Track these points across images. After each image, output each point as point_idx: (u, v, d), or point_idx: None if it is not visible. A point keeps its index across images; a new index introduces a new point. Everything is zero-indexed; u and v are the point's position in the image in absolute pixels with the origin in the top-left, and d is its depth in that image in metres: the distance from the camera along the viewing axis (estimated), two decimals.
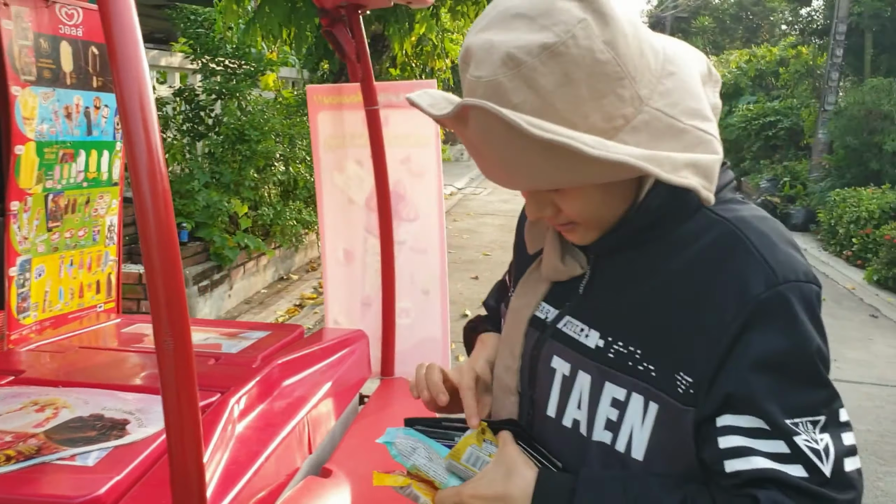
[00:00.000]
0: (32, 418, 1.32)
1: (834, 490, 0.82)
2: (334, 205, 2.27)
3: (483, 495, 0.91)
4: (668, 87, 0.85)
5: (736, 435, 0.83)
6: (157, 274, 0.87)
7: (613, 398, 0.91)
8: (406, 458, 0.99)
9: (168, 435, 0.90)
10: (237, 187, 6.51)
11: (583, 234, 0.95)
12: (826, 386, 0.86)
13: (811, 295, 0.86)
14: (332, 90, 2.23)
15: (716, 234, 0.89)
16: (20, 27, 1.79)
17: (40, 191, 1.89)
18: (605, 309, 0.94)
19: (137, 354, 1.70)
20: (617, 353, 0.91)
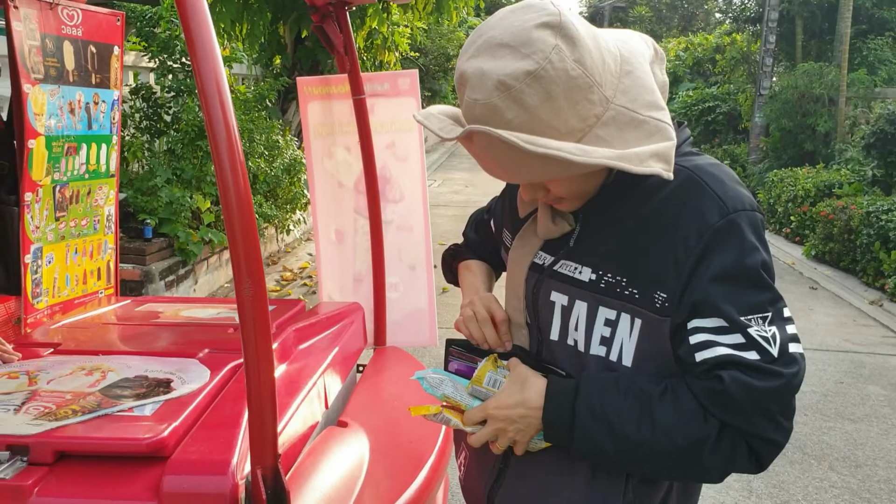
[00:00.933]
0: (84, 380, 1.46)
1: (781, 366, 1.05)
2: (325, 188, 2.43)
3: (505, 404, 1.14)
4: (627, 84, 1.07)
5: (702, 333, 1.07)
6: (237, 232, 1.04)
7: (606, 318, 1.14)
8: (436, 389, 1.19)
9: (246, 362, 1.07)
10: (199, 183, 6.56)
11: (569, 205, 1.17)
12: (770, 289, 1.09)
13: (756, 220, 1.09)
14: (320, 81, 2.38)
15: (679, 180, 1.11)
16: (28, 28, 1.90)
17: (49, 182, 2.01)
18: (594, 250, 1.17)
19: (159, 327, 1.84)
20: (607, 283, 1.13)
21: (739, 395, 1.04)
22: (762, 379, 1.04)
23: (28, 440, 1.27)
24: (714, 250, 1.06)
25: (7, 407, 1.37)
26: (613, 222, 1.15)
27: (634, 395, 1.10)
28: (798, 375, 1.07)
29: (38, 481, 1.23)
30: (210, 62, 1.07)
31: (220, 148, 1.06)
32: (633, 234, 1.13)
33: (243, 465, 1.26)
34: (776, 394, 1.05)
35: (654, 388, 1.10)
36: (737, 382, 1.04)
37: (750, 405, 1.05)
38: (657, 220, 1.11)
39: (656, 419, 1.08)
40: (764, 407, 1.06)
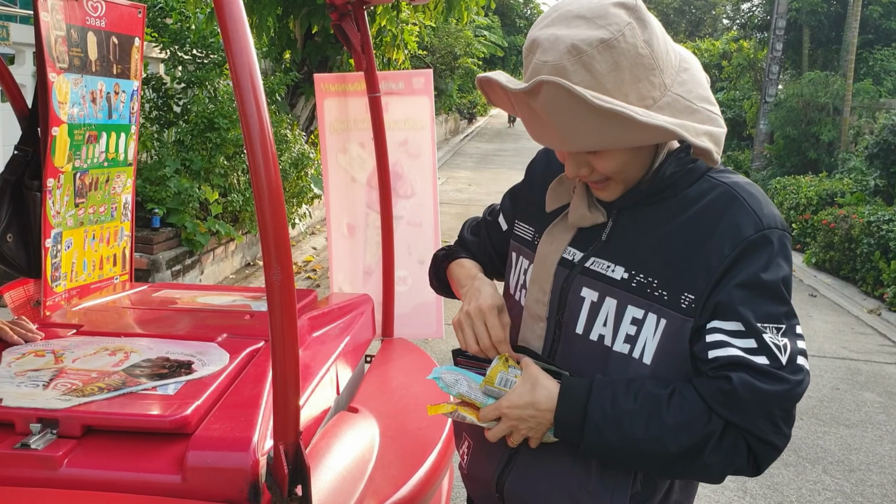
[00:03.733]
0: (108, 360, 1.52)
1: (788, 372, 1.12)
2: (339, 183, 2.49)
3: (516, 404, 1.21)
4: (685, 78, 1.16)
5: (719, 333, 1.14)
6: (268, 223, 1.10)
7: (633, 317, 1.20)
8: (451, 388, 1.26)
9: (273, 343, 1.12)
10: (207, 174, 6.62)
11: (612, 190, 1.23)
12: (787, 304, 1.17)
13: (785, 239, 1.18)
14: (337, 79, 2.45)
15: (717, 194, 1.20)
16: (55, 18, 1.95)
17: (70, 169, 2.06)
18: (628, 251, 1.23)
19: (178, 312, 1.90)
20: (638, 283, 1.20)
21: (746, 396, 1.11)
22: (769, 382, 1.11)
23: (58, 414, 1.33)
24: (744, 260, 1.14)
25: (36, 383, 1.43)
26: (649, 225, 1.22)
27: (644, 397, 1.16)
28: (802, 384, 1.14)
29: (68, 453, 1.28)
30: (244, 54, 1.12)
31: (252, 138, 1.11)
32: (669, 238, 1.19)
33: (263, 442, 1.31)
34: (780, 398, 1.11)
35: (662, 390, 1.17)
36: (744, 383, 1.11)
37: (755, 406, 1.11)
38: (694, 227, 1.18)
39: (664, 420, 1.14)
40: (767, 409, 1.12)
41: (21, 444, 1.28)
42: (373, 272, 2.50)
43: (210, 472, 1.26)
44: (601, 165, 1.18)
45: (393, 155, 2.36)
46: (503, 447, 1.31)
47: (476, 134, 26.75)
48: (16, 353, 1.57)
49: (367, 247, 2.50)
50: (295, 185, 7.93)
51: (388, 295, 2.43)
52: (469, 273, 1.45)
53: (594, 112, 1.04)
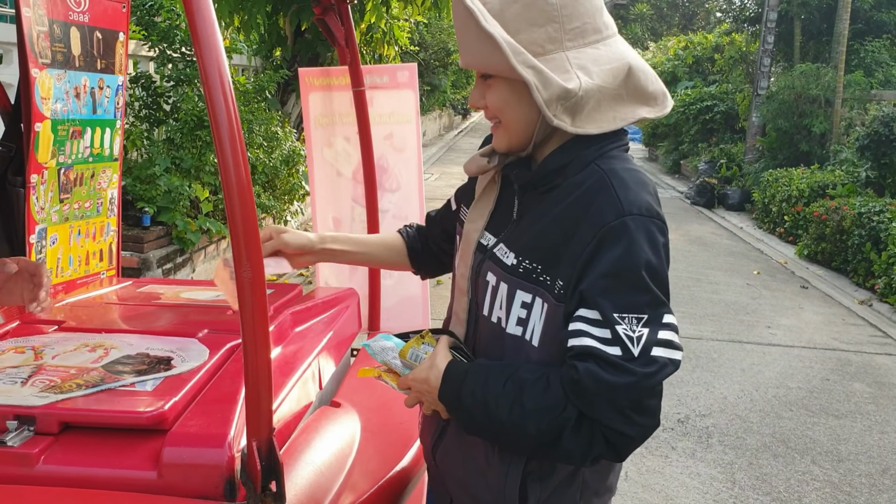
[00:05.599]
0: (87, 356, 1.52)
1: (637, 365, 1.14)
2: (324, 177, 2.49)
3: (416, 379, 1.31)
4: (588, 52, 1.23)
5: (580, 322, 1.17)
6: (236, 218, 1.09)
7: (523, 301, 1.27)
8: (377, 356, 1.39)
9: (244, 341, 1.12)
10: (198, 172, 6.61)
11: (499, 136, 1.31)
12: (651, 292, 1.17)
13: (650, 225, 1.19)
14: (321, 73, 2.44)
15: (593, 180, 1.24)
16: (37, 13, 1.95)
17: (54, 165, 2.06)
18: (521, 238, 1.30)
19: (160, 308, 1.90)
20: (525, 269, 1.26)
21: (590, 386, 1.14)
22: (615, 374, 1.13)
23: (35, 411, 1.32)
24: (605, 247, 1.17)
25: (14, 380, 1.43)
26: (539, 212, 1.28)
27: (513, 382, 1.21)
28: (653, 377, 1.14)
29: (45, 450, 1.28)
30: (213, 51, 1.12)
31: (222, 135, 1.11)
32: (550, 226, 1.25)
33: (239, 438, 1.31)
34: (626, 389, 1.13)
35: (531, 375, 1.22)
36: (589, 374, 1.13)
37: (600, 397, 1.14)
38: (569, 214, 1.23)
39: (525, 404, 1.19)
40: (614, 400, 1.14)
41: None
42: (358, 266, 2.49)
43: (186, 469, 1.26)
44: (489, 99, 1.27)
45: (378, 149, 2.36)
46: (438, 420, 1.41)
47: (470, 129, 26.73)
48: None
49: None
50: (286, 182, 7.92)
51: (375, 288, 2.43)
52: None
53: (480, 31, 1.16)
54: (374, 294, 2.43)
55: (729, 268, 8.37)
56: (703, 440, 4.11)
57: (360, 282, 2.43)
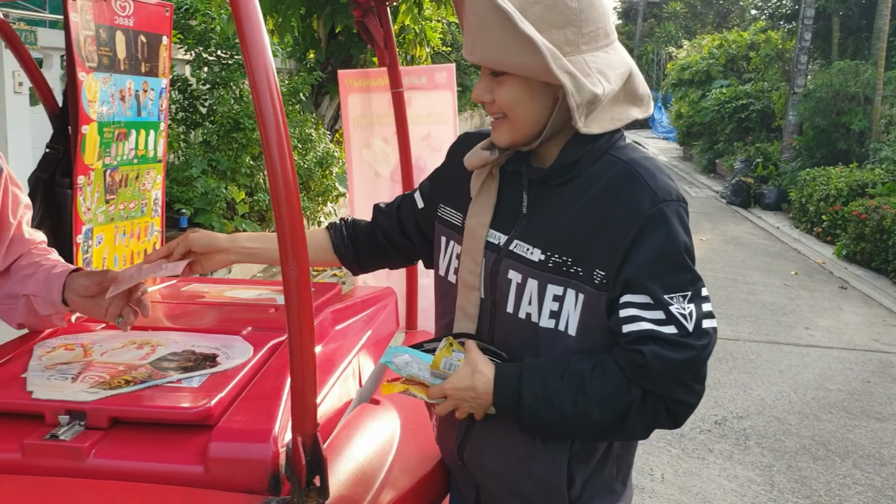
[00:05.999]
0: (135, 353, 1.55)
1: (694, 339, 1.23)
2: (363, 177, 2.52)
3: (458, 387, 1.31)
4: (601, 56, 1.26)
5: (631, 308, 1.24)
6: (283, 218, 1.11)
7: (554, 294, 1.30)
8: (402, 370, 1.38)
9: (290, 338, 1.14)
10: (233, 174, 6.71)
11: (503, 131, 1.32)
12: (690, 271, 1.26)
13: (679, 209, 1.27)
14: (360, 75, 2.47)
15: (616, 171, 1.29)
16: (84, 19, 1.99)
17: (100, 167, 2.10)
18: (543, 233, 1.32)
19: (205, 306, 1.94)
20: (555, 263, 1.30)
21: (657, 367, 1.22)
22: (677, 351, 1.22)
23: (85, 406, 1.36)
24: (645, 235, 1.24)
25: (65, 376, 1.47)
26: (559, 206, 1.31)
27: (570, 375, 1.26)
28: (708, 347, 1.25)
29: (95, 444, 1.31)
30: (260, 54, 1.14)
31: (269, 137, 1.12)
32: (577, 218, 1.29)
33: (284, 434, 1.33)
34: (689, 363, 1.23)
35: (585, 365, 1.27)
36: (655, 355, 1.21)
37: (667, 375, 1.23)
38: (597, 205, 1.28)
39: (589, 394, 1.25)
40: (679, 376, 1.23)
41: (50, 434, 1.31)
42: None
43: (232, 463, 1.28)
44: (498, 93, 1.28)
45: (416, 149, 2.39)
46: (460, 420, 1.42)
47: None
48: (47, 346, 1.61)
49: None
50: (320, 183, 7.99)
51: (412, 288, 2.47)
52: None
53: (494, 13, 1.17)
54: (411, 293, 2.45)
55: (766, 268, 8.26)
56: (740, 442, 4.06)
57: (397, 281, 2.45)
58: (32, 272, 1.65)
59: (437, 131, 2.44)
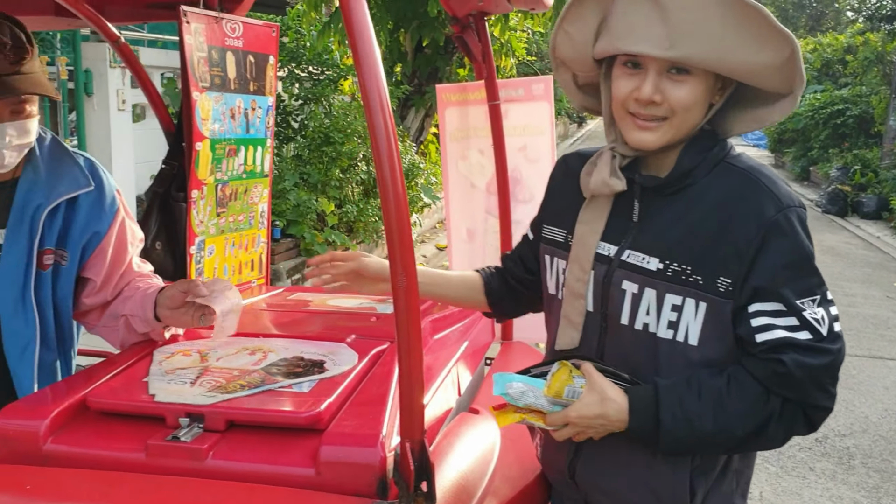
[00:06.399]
0: (248, 359, 1.63)
1: (829, 343, 1.23)
2: (459, 189, 2.57)
3: (586, 415, 1.29)
4: None
5: (763, 317, 1.23)
6: (393, 230, 1.15)
7: (673, 304, 1.29)
8: (519, 401, 1.36)
9: (399, 345, 1.18)
10: (324, 187, 6.90)
11: (662, 133, 1.28)
12: (817, 275, 1.26)
13: (803, 215, 1.27)
14: (458, 89, 2.53)
15: (735, 178, 1.29)
16: (197, 41, 2.10)
17: (212, 181, 2.21)
18: (659, 241, 1.30)
19: (310, 314, 2.01)
20: (673, 272, 1.28)
21: (799, 375, 1.21)
22: (816, 357, 1.21)
23: (203, 409, 1.42)
24: (771, 241, 1.23)
25: (184, 380, 1.55)
26: (675, 215, 1.30)
27: (707, 392, 1.25)
28: (842, 351, 1.26)
29: (213, 445, 1.38)
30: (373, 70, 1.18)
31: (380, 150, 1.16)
32: (696, 225, 1.28)
33: (390, 439, 1.37)
34: (828, 368, 1.23)
35: (719, 381, 1.25)
36: (796, 363, 1.21)
37: (808, 382, 1.22)
38: (718, 213, 1.26)
39: (729, 410, 1.24)
40: (819, 381, 1.23)
41: (172, 436, 1.38)
42: None
43: (341, 467, 1.32)
44: (675, 94, 1.24)
45: (512, 160, 2.43)
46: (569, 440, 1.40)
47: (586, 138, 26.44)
48: (166, 352, 1.70)
49: (487, 251, 2.56)
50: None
51: None
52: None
53: (728, 7, 1.15)
54: None
55: (866, 279, 7.90)
56: (843, 461, 3.89)
57: None
58: (131, 294, 1.78)
59: (533, 142, 2.47)
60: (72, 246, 1.77)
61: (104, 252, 1.80)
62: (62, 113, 6.40)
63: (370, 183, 7.65)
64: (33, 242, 1.74)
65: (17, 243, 1.73)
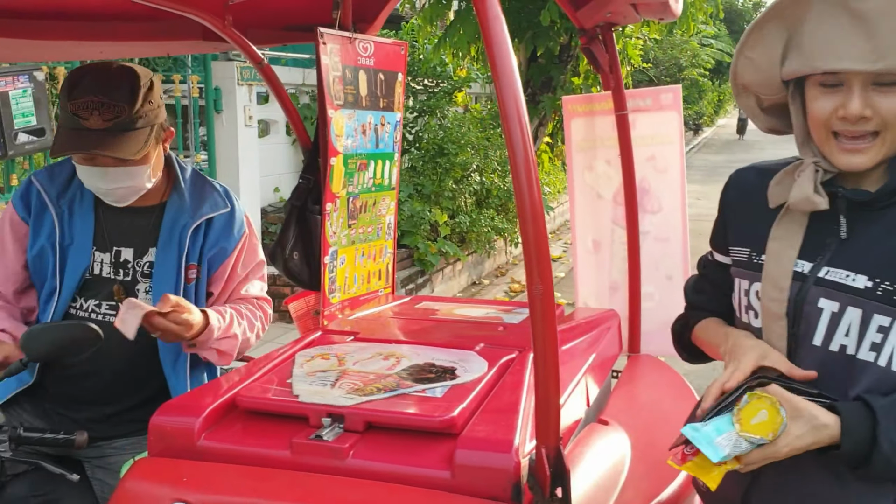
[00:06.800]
0: (382, 364, 1.69)
1: None
2: (584, 200, 2.59)
3: (798, 447, 1.18)
4: None
5: None
6: (530, 239, 1.18)
7: (879, 325, 1.20)
8: (732, 452, 1.19)
9: (535, 351, 1.20)
10: (437, 197, 7.03)
11: (874, 152, 1.21)
12: None
13: None
14: (585, 99, 2.55)
15: None
16: (333, 60, 2.21)
17: (344, 194, 2.31)
18: (868, 258, 1.22)
19: (439, 323, 2.07)
20: (884, 291, 1.19)
21: None
22: None
23: (344, 410, 1.49)
24: None
25: (324, 382, 1.63)
26: (884, 231, 1.22)
27: None
28: None
29: (353, 445, 1.44)
30: (511, 86, 1.22)
31: (517, 162, 1.19)
32: None
33: (524, 446, 1.39)
34: None
35: None
36: None
37: None
38: None
39: None
40: None
41: (315, 435, 1.45)
42: (618, 287, 2.55)
43: (476, 471, 1.35)
44: (887, 105, 1.17)
45: (640, 170, 2.42)
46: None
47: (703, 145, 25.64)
48: (306, 355, 1.80)
49: (613, 262, 2.56)
50: None
51: (635, 311, 2.48)
52: (717, 331, 1.44)
53: None
54: (633, 316, 2.46)
55: None
56: None
57: (619, 303, 2.47)
58: None
59: (661, 152, 2.44)
60: (203, 261, 2.01)
61: (226, 269, 2.04)
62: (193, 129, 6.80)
63: (483, 194, 7.72)
64: (181, 258, 1.98)
65: (167, 260, 1.97)
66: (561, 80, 8.68)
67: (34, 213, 1.98)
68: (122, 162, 1.83)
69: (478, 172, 7.52)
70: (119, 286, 1.98)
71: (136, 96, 1.84)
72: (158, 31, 2.37)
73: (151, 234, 1.99)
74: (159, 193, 2.03)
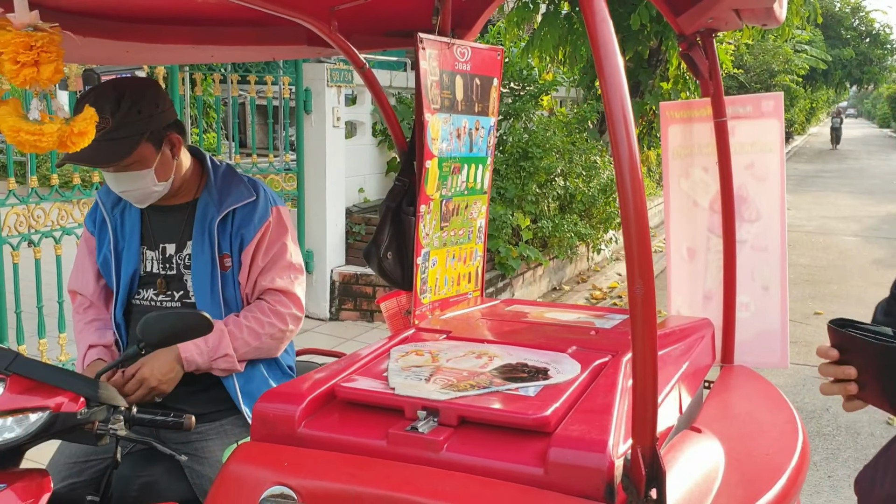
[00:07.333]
0: (476, 362, 1.73)
1: None
2: (680, 207, 2.56)
3: None
4: None
5: None
6: (633, 241, 1.20)
7: None
8: None
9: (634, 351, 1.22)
10: (520, 201, 7.02)
11: None
12: None
13: None
14: (682, 106, 2.53)
15: None
16: (431, 65, 2.26)
17: (438, 197, 2.36)
18: None
19: (530, 325, 2.10)
20: None
21: None
22: None
23: (438, 405, 1.54)
24: None
25: (419, 377, 1.68)
26: None
27: None
28: None
29: (447, 439, 1.48)
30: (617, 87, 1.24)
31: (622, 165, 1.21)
32: None
33: (617, 447, 1.40)
34: None
35: None
36: None
37: None
38: None
39: None
40: None
41: (411, 427, 1.50)
42: (712, 296, 2.51)
43: (570, 469, 1.36)
44: None
45: (738, 178, 2.38)
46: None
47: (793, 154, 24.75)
48: (401, 351, 1.85)
49: (708, 271, 2.52)
50: (602, 210, 8.05)
51: (729, 320, 2.44)
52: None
53: None
54: (728, 325, 2.42)
55: None
56: None
57: (713, 312, 2.44)
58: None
59: (761, 160, 2.40)
60: (233, 249, 2.15)
61: (247, 257, 2.16)
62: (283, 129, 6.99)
63: (566, 198, 7.68)
64: (214, 248, 2.14)
65: (203, 251, 2.14)
66: (649, 85, 8.56)
67: (98, 226, 2.24)
68: (122, 168, 1.99)
69: (562, 177, 7.47)
70: (161, 279, 2.17)
71: (119, 107, 1.96)
72: (265, 36, 2.48)
73: (187, 228, 2.17)
74: (192, 190, 2.21)
